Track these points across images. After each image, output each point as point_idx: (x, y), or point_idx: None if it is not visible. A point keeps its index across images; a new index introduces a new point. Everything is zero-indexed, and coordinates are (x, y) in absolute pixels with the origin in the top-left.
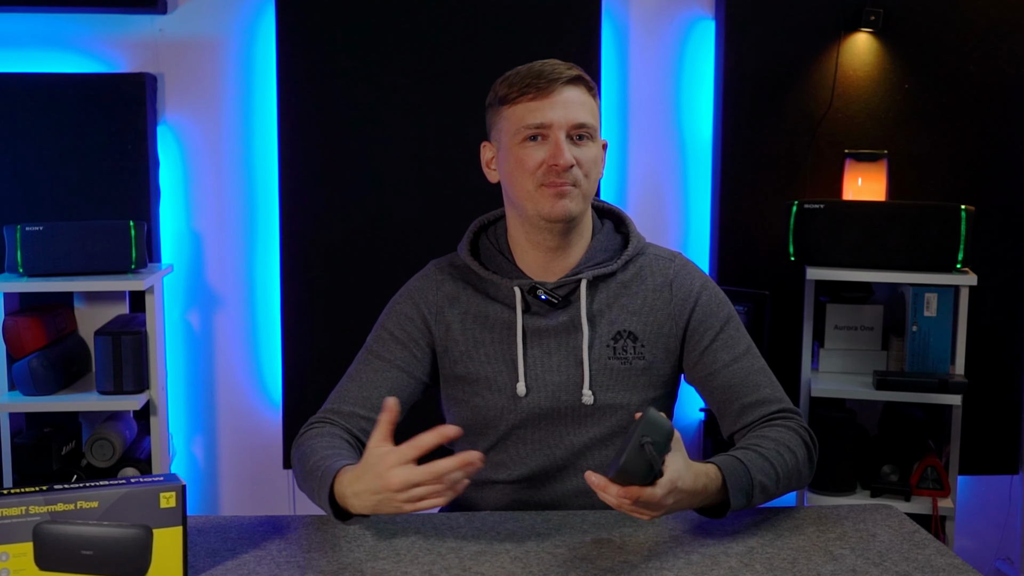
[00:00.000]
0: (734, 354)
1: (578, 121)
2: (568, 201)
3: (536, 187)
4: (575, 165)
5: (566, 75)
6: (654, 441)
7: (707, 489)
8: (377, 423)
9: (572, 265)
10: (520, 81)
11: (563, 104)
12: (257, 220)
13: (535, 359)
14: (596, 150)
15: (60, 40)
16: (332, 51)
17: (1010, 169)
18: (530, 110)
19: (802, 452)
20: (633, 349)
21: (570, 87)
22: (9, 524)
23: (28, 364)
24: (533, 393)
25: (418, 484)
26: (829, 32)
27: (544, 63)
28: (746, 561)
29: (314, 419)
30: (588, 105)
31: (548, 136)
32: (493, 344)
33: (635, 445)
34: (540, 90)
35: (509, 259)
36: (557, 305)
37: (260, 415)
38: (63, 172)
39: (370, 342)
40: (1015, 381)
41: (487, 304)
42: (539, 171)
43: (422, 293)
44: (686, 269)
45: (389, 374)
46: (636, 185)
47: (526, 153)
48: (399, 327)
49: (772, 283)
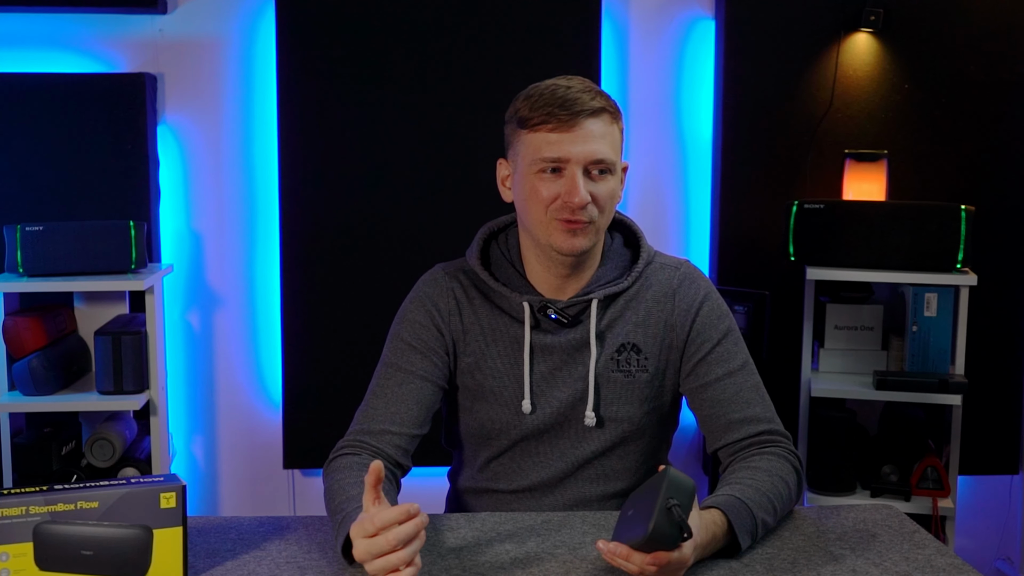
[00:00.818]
0: (728, 368)
1: (596, 157)
2: (581, 238)
3: (550, 220)
4: (590, 203)
5: (589, 107)
6: (680, 503)
7: (716, 537)
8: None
9: (583, 284)
10: (543, 107)
11: (583, 139)
12: (257, 220)
13: (541, 376)
14: (614, 183)
15: (60, 40)
16: (332, 51)
17: (1010, 169)
18: (549, 142)
19: (793, 480)
20: (636, 361)
21: (592, 119)
22: (9, 524)
23: (28, 364)
24: (538, 410)
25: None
26: (829, 32)
27: (569, 88)
28: (746, 561)
29: (344, 443)
30: (609, 137)
31: (565, 170)
32: (500, 358)
33: (662, 509)
34: (561, 122)
35: (520, 272)
36: (567, 324)
37: (260, 415)
38: (63, 172)
39: (388, 355)
40: (1015, 381)
41: (496, 316)
42: (553, 205)
43: (432, 299)
44: (690, 278)
45: (413, 385)
46: (636, 185)
47: (542, 185)
48: (414, 336)
49: (772, 283)
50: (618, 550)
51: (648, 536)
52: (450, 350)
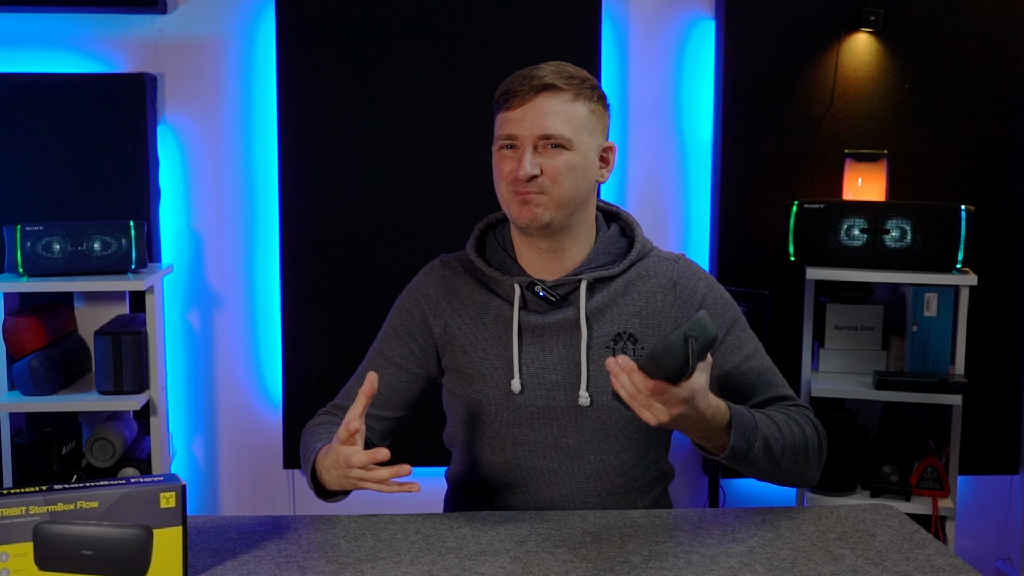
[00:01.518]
0: (743, 355)
1: (544, 132)
2: (535, 208)
3: (508, 194)
4: (540, 176)
5: (541, 83)
6: (698, 338)
7: (714, 419)
8: (357, 396)
9: (573, 266)
10: (505, 86)
11: (532, 114)
12: (257, 220)
13: (531, 356)
14: (570, 157)
15: (60, 40)
16: (332, 51)
17: (1010, 169)
18: (505, 120)
19: (812, 435)
20: (633, 351)
21: (544, 96)
22: (9, 524)
23: (28, 364)
24: (528, 391)
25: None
26: (829, 32)
27: (535, 68)
28: (746, 561)
29: (321, 411)
30: (563, 113)
31: (518, 146)
32: (489, 339)
33: (679, 336)
34: (516, 98)
35: (512, 257)
36: (555, 303)
37: (260, 415)
38: (63, 172)
39: (378, 338)
40: (1015, 381)
41: (487, 299)
42: (509, 179)
43: (423, 288)
44: (690, 270)
45: (387, 371)
46: (636, 185)
47: (501, 161)
48: (400, 323)
49: (772, 283)
50: (624, 363)
51: (654, 353)
52: (436, 339)
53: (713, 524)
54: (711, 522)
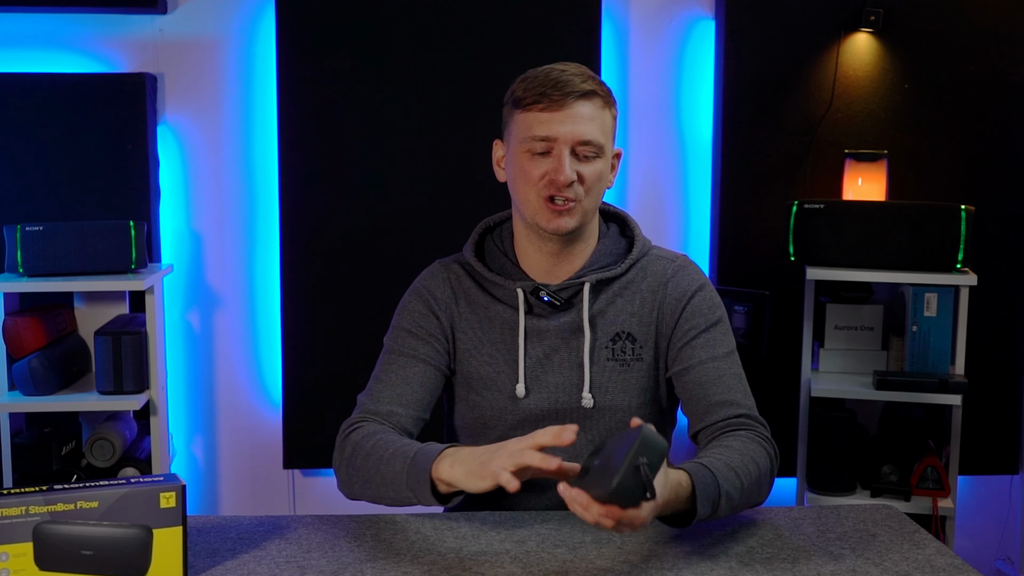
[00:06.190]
0: (713, 354)
1: (584, 138)
2: (567, 218)
3: (538, 199)
4: (576, 181)
5: (579, 89)
6: (650, 463)
7: (678, 498)
8: (540, 437)
9: (576, 268)
10: (535, 88)
11: (572, 119)
12: (257, 220)
13: (535, 360)
14: (602, 166)
15: (60, 40)
16: (332, 51)
17: (1010, 169)
18: (540, 121)
19: (765, 464)
20: (632, 350)
21: (582, 101)
22: (9, 524)
23: (28, 364)
24: (533, 395)
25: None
26: (829, 32)
27: (563, 71)
28: (746, 561)
29: (354, 420)
30: (599, 120)
31: (553, 149)
32: (495, 344)
33: (630, 466)
34: (552, 102)
35: (513, 261)
36: (559, 307)
37: (260, 415)
38: (63, 172)
39: (388, 343)
40: (1015, 381)
41: (491, 304)
42: (541, 183)
43: (430, 290)
44: (685, 270)
45: (417, 368)
46: (636, 185)
47: (532, 163)
48: (414, 324)
49: (772, 283)
50: (579, 497)
51: (611, 492)
52: (448, 336)
53: (713, 524)
54: (712, 522)
